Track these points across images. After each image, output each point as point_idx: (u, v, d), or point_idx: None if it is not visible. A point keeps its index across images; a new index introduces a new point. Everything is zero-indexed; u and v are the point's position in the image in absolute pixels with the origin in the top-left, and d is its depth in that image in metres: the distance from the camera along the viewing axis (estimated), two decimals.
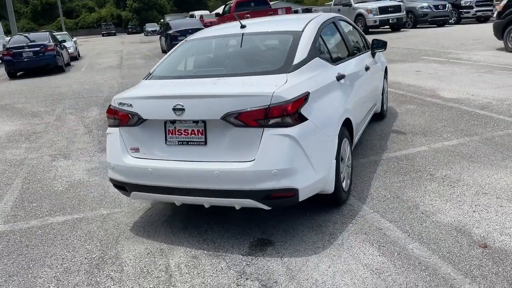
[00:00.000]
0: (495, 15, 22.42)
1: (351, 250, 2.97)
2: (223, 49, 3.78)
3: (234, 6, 18.64)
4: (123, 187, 3.31)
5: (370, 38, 5.40)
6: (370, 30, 19.67)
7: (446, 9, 20.56)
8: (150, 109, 3.08)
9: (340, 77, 3.59)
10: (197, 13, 41.99)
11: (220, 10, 44.53)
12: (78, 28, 68.42)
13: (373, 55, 5.13)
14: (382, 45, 5.00)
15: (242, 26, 3.80)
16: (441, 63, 10.18)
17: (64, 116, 8.31)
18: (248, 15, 16.99)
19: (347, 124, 3.58)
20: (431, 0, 21.13)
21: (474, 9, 21.21)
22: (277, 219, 3.47)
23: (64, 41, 18.92)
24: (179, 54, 3.85)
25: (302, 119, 2.91)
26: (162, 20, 44.80)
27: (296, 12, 25.26)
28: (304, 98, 2.95)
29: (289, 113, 2.83)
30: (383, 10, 19.01)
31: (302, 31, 3.59)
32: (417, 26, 21.08)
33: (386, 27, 20.54)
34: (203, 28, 18.38)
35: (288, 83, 2.97)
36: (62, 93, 11.15)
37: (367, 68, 4.59)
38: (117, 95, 3.34)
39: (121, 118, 3.22)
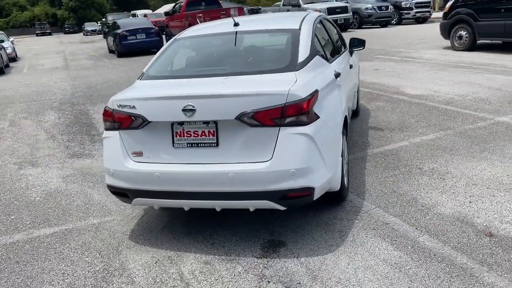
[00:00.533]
0: (432, 16, 23.74)
1: (365, 246, 3.00)
2: (221, 47, 3.68)
3: (185, 6, 18.35)
4: (124, 194, 3.13)
5: None
6: None
7: (389, 10, 21.48)
8: (157, 110, 2.94)
9: (337, 75, 3.62)
10: (140, 12, 40.78)
11: (164, 9, 43.71)
12: (10, 28, 64.18)
13: (351, 53, 5.23)
14: (360, 43, 5.11)
15: (236, 24, 3.72)
16: (396, 62, 10.59)
17: (19, 121, 7.76)
18: (200, 15, 16.80)
19: (344, 121, 3.61)
20: (374, 1, 22.00)
21: (413, 10, 22.33)
22: (281, 219, 3.43)
23: (2, 41, 17.71)
24: (172, 53, 3.70)
25: (315, 117, 2.89)
26: (103, 19, 43.15)
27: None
28: (315, 96, 2.94)
29: (304, 111, 2.80)
30: (331, 11, 19.50)
31: (299, 29, 3.58)
32: (362, 26, 21.83)
33: None
34: (154, 28, 17.98)
35: (299, 81, 2.94)
36: (8, 97, 10.42)
37: (351, 66, 4.67)
38: (115, 96, 3.15)
39: (122, 121, 3.04)
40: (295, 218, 3.43)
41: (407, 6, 22.35)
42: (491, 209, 3.34)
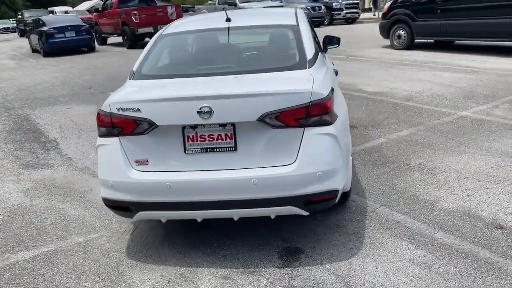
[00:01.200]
0: (361, 16, 24.77)
1: (386, 247, 2.93)
2: (218, 43, 3.41)
3: (117, 2, 17.43)
4: (126, 208, 2.79)
5: None
6: None
7: (322, 11, 22.08)
8: (167, 113, 2.64)
9: (336, 72, 3.52)
10: (58, 9, 38.18)
11: (85, 5, 41.35)
12: None
13: (326, 50, 5.18)
14: (336, 41, 5.07)
15: (228, 19, 3.48)
16: (342, 60, 10.82)
17: None
18: (135, 12, 16.07)
19: None
20: (306, 2, 22.49)
21: (344, 11, 23.19)
22: (288, 223, 3.27)
23: None
24: (162, 50, 3.37)
25: (336, 116, 2.77)
26: (19, 16, 39.85)
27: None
28: (334, 94, 2.82)
29: (328, 110, 2.66)
30: None
31: (298, 25, 3.43)
32: None
33: None
34: (84, 25, 16.89)
35: (316, 79, 2.79)
36: None
37: (333, 63, 4.61)
38: (112, 98, 2.78)
39: (123, 126, 2.70)
40: (302, 222, 3.28)
41: (338, 7, 23.13)
42: (491, 201, 3.43)
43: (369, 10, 33.54)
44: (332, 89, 2.85)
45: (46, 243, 3.24)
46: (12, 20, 46.66)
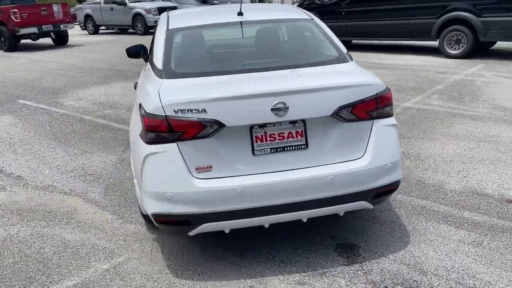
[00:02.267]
0: None
1: (430, 231, 3.05)
2: (244, 38, 3.18)
3: None
4: (185, 222, 2.47)
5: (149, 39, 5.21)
6: (150, 30, 19.35)
7: None
8: (236, 112, 2.39)
9: None
10: None
11: None
12: None
13: None
14: None
15: (240, 13, 3.28)
16: None
17: None
18: (15, 10, 14.30)
19: None
20: (194, 2, 22.30)
21: None
22: (323, 220, 3.22)
23: None
24: (181, 46, 3.02)
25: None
26: None
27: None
28: None
29: (391, 101, 2.69)
30: (162, 10, 18.95)
31: (312, 19, 3.39)
32: None
33: None
34: None
35: (366, 71, 2.79)
36: None
37: None
38: (167, 98, 2.42)
39: (185, 129, 2.38)
40: (335, 218, 3.25)
41: None
42: (486, 180, 3.79)
43: None
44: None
45: (66, 276, 2.71)
46: None
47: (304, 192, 2.49)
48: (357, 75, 2.67)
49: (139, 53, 4.55)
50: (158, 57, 2.90)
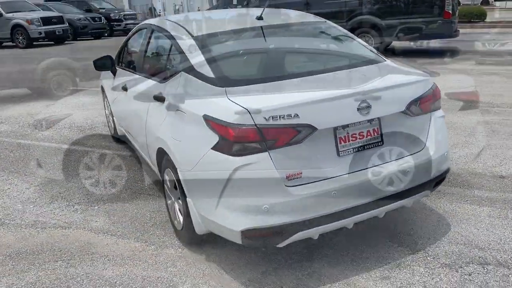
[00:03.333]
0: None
1: (460, 213, 3.30)
2: (274, 44, 3.11)
3: None
4: (279, 233, 2.35)
5: (38, 51, 4.98)
6: (34, 43, 17.60)
7: (102, 21, 20.95)
8: (324, 115, 2.36)
9: None
10: None
11: None
12: None
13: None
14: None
15: (259, 18, 3.23)
16: None
17: None
18: None
19: None
20: (83, 12, 20.97)
21: (123, 22, 22.55)
22: None
23: None
24: (219, 53, 2.86)
25: None
26: None
27: None
28: None
29: (441, 95, 2.88)
30: (46, 21, 17.37)
31: (325, 21, 3.46)
32: (78, 38, 20.42)
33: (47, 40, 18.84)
34: None
35: (409, 67, 2.96)
36: None
37: None
38: (254, 106, 2.26)
39: (279, 136, 2.26)
40: None
41: (117, 18, 22.37)
42: (482, 161, 4.22)
43: None
44: None
45: None
46: None
47: (386, 188, 2.54)
48: (412, 71, 2.82)
49: (108, 65, 4.21)
50: (201, 65, 2.71)
